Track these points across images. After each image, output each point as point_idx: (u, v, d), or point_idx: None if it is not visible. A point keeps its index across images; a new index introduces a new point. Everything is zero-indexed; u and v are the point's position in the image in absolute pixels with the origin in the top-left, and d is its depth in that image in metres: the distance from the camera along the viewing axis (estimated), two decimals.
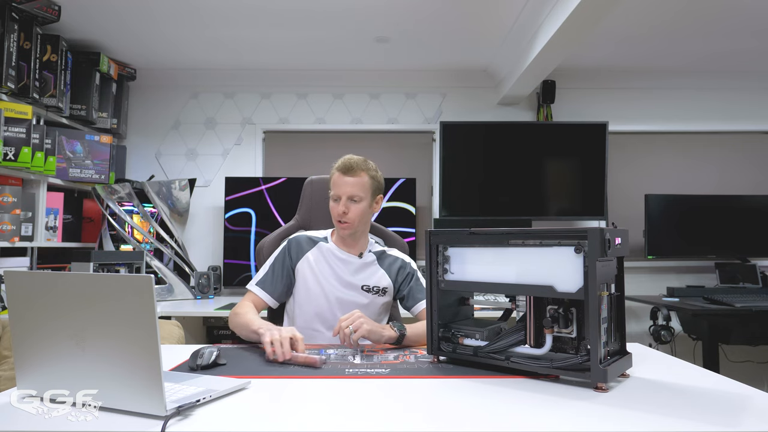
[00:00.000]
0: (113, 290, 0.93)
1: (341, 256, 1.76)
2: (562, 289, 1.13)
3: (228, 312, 2.86)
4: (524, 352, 1.21)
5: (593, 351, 1.08)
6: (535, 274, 1.18)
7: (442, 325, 1.35)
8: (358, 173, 1.71)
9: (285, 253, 1.77)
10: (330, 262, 1.76)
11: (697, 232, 3.36)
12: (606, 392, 1.07)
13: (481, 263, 1.28)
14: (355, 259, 1.77)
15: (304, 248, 1.78)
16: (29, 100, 2.67)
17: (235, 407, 0.98)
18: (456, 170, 3.45)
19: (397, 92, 3.72)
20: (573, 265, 1.12)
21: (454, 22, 2.86)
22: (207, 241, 3.62)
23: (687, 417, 0.93)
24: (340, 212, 1.69)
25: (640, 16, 2.78)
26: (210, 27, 2.94)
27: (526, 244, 1.20)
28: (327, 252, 1.77)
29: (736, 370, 3.16)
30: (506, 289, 1.25)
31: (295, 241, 1.79)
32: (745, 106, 3.70)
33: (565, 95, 3.64)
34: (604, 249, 1.08)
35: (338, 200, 1.70)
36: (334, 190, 1.71)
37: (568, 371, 1.13)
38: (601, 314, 1.11)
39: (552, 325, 1.17)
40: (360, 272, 1.76)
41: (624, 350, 1.22)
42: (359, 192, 1.70)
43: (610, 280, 1.18)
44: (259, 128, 3.70)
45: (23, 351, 1.01)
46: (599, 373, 1.08)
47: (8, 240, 2.58)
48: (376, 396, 1.08)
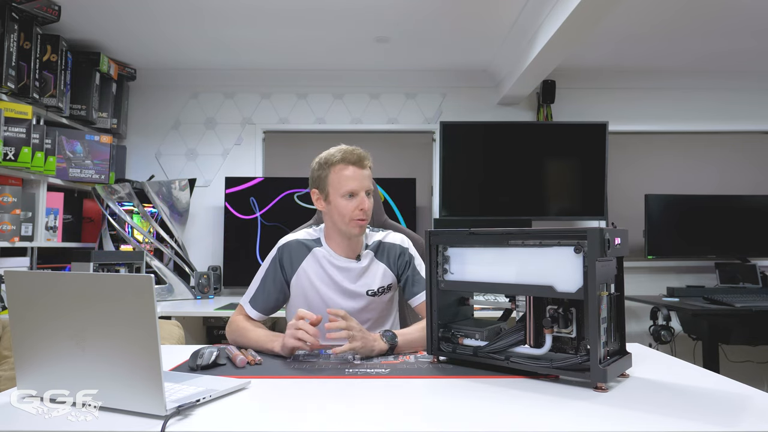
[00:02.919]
0: (113, 290, 0.93)
1: (340, 264, 1.61)
2: (561, 289, 1.13)
3: (228, 312, 2.89)
4: (524, 352, 1.21)
5: (593, 351, 1.08)
6: (534, 274, 1.18)
7: (442, 325, 1.35)
8: (368, 165, 1.57)
9: (276, 266, 1.63)
10: (329, 272, 1.61)
11: (697, 232, 3.36)
12: (606, 392, 1.07)
13: (481, 263, 1.28)
14: (354, 264, 1.62)
15: (298, 258, 1.62)
16: (29, 100, 2.67)
17: (235, 407, 0.98)
18: (456, 170, 3.45)
19: (397, 92, 3.72)
20: (573, 265, 1.12)
21: (454, 22, 2.86)
22: (207, 241, 3.62)
23: (687, 417, 0.93)
24: (365, 208, 1.53)
25: (639, 15, 2.78)
26: (210, 27, 2.94)
27: (526, 244, 1.20)
28: (323, 260, 1.62)
29: (736, 370, 3.15)
30: (506, 289, 1.24)
31: (286, 249, 1.63)
32: (745, 106, 3.70)
33: (565, 95, 3.64)
34: (603, 249, 1.08)
35: (354, 196, 1.53)
36: (349, 185, 1.52)
37: (567, 371, 1.13)
38: (601, 314, 1.11)
39: (552, 325, 1.17)
40: (362, 277, 1.62)
41: (624, 350, 1.22)
42: (371, 185, 1.58)
43: (610, 280, 1.18)
44: (259, 128, 3.70)
45: (23, 351, 1.01)
46: (599, 373, 1.08)
47: (8, 240, 2.58)
48: (376, 396, 1.08)
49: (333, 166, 1.56)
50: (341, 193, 1.53)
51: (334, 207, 1.55)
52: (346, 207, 1.53)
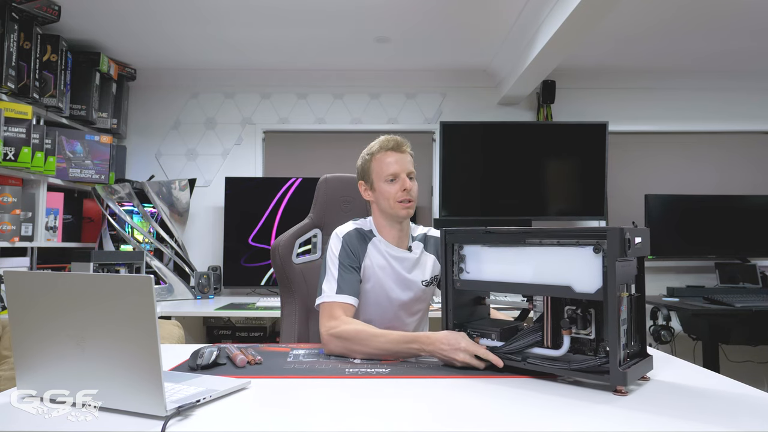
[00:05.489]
0: (113, 290, 0.93)
1: (396, 254, 1.63)
2: (580, 289, 1.10)
3: (228, 312, 2.90)
4: (541, 353, 1.18)
5: (612, 353, 1.05)
6: (552, 274, 1.15)
7: (458, 324, 1.33)
8: (407, 150, 1.62)
9: (348, 252, 1.58)
10: (388, 261, 1.62)
11: (697, 232, 3.36)
12: (626, 396, 1.04)
13: (498, 262, 1.25)
14: (408, 255, 1.64)
15: (362, 246, 1.62)
16: (29, 100, 2.67)
17: (235, 407, 0.98)
18: (456, 170, 3.45)
19: (397, 92, 3.72)
20: (592, 265, 1.09)
21: (454, 22, 2.86)
22: (207, 241, 3.61)
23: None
24: (407, 187, 1.57)
25: (639, 16, 2.78)
26: (210, 27, 2.94)
27: (543, 244, 1.17)
28: (382, 250, 1.63)
29: (736, 370, 3.15)
30: (523, 289, 1.22)
31: (349, 237, 1.61)
32: (745, 106, 3.70)
33: (565, 95, 3.64)
34: (623, 249, 1.05)
35: (396, 179, 1.58)
36: (390, 169, 1.57)
37: (586, 373, 1.10)
38: (621, 315, 1.08)
39: (570, 326, 1.14)
40: (416, 267, 1.65)
41: (644, 353, 1.18)
42: (413, 169, 1.61)
43: (630, 280, 1.15)
44: (259, 128, 3.70)
45: (23, 351, 1.01)
46: (619, 376, 1.04)
47: (8, 240, 2.58)
48: (376, 396, 1.08)
49: (374, 156, 1.62)
50: (384, 177, 1.59)
51: (380, 192, 1.61)
52: (389, 190, 1.58)
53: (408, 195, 1.58)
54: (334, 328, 1.40)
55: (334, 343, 1.39)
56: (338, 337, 1.38)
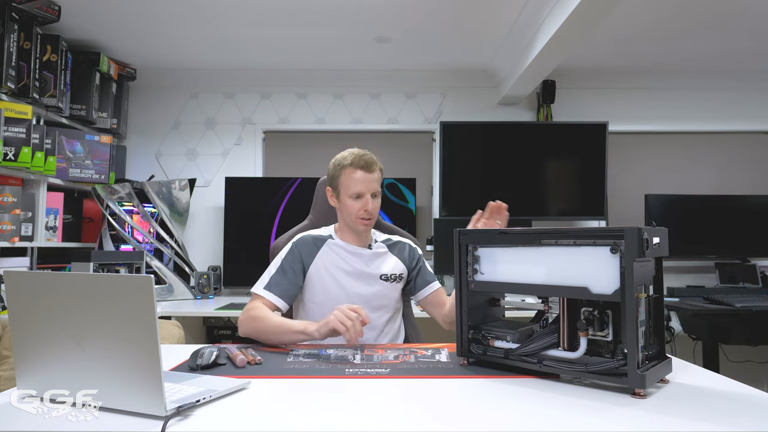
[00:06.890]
0: (113, 290, 0.93)
1: (352, 249, 1.74)
2: (597, 290, 1.08)
3: (228, 312, 2.90)
4: (557, 356, 1.15)
5: (630, 355, 1.03)
6: (568, 275, 1.13)
7: (472, 326, 1.31)
8: (375, 169, 1.70)
9: (294, 255, 1.70)
10: (343, 257, 1.73)
11: (697, 232, 3.36)
12: (644, 398, 1.01)
13: (512, 263, 1.23)
14: (365, 251, 1.75)
15: (314, 249, 1.73)
16: (29, 100, 2.67)
17: (235, 407, 0.98)
18: (456, 170, 3.45)
19: (397, 92, 3.72)
20: (609, 265, 1.07)
21: (454, 22, 2.86)
22: (207, 241, 3.62)
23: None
24: (369, 209, 1.67)
25: (639, 15, 2.78)
26: (210, 27, 2.94)
27: (559, 244, 1.15)
28: (337, 249, 1.74)
29: (736, 370, 3.15)
30: (538, 290, 1.20)
31: (302, 242, 1.73)
32: (745, 106, 3.70)
33: (565, 95, 3.64)
34: (641, 249, 1.03)
35: (361, 197, 1.67)
36: (356, 187, 1.67)
37: (604, 376, 1.08)
38: (639, 317, 1.06)
39: (587, 328, 1.12)
40: (374, 261, 1.75)
41: (663, 355, 1.16)
42: (378, 187, 1.71)
43: (648, 281, 1.13)
44: (259, 128, 3.70)
45: (23, 351, 1.01)
46: (637, 379, 1.02)
47: (8, 240, 2.58)
48: (376, 396, 1.08)
49: (344, 169, 1.69)
50: (349, 194, 1.68)
51: (344, 205, 1.71)
52: (353, 206, 1.68)
53: (368, 214, 1.68)
54: (247, 311, 1.58)
55: (246, 324, 1.55)
56: (248, 319, 1.55)
